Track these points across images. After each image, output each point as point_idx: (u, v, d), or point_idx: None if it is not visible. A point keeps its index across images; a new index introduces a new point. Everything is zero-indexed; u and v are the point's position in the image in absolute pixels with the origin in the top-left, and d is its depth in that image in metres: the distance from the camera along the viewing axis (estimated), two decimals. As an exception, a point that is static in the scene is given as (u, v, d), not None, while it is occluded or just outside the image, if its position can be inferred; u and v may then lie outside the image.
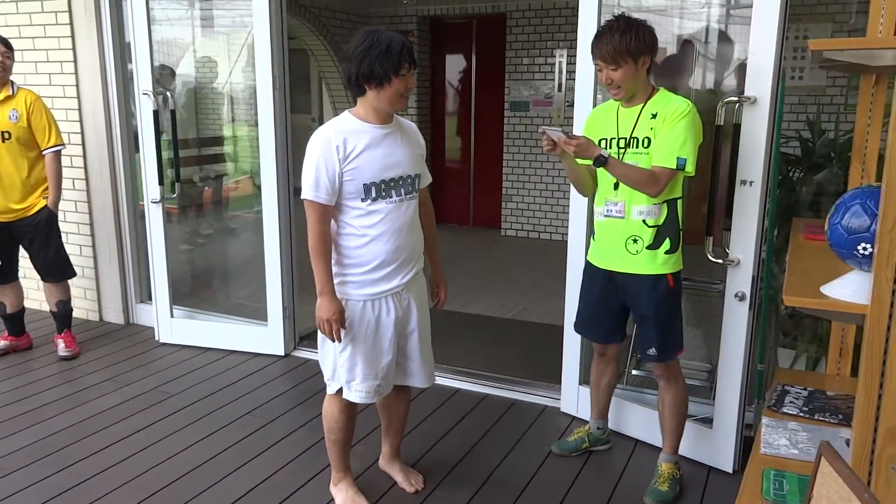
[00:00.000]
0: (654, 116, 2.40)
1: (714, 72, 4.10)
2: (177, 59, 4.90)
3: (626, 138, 2.46)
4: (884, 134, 2.43)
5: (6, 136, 3.64)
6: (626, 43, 2.31)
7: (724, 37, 3.87)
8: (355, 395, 2.39)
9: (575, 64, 3.02)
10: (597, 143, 2.48)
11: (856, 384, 2.52)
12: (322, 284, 2.25)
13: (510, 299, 5.23)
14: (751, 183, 2.59)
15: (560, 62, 6.90)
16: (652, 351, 2.56)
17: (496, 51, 7.31)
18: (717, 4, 3.99)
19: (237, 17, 4.78)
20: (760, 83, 2.51)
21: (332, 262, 2.32)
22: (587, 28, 2.93)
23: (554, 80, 6.98)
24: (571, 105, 6.78)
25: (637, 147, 2.43)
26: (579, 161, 2.53)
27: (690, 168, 2.36)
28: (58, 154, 3.79)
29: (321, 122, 9.51)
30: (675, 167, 2.34)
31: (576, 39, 2.98)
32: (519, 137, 7.31)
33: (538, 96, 7.14)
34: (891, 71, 2.18)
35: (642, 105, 2.44)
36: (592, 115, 2.68)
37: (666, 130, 2.35)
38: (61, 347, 3.99)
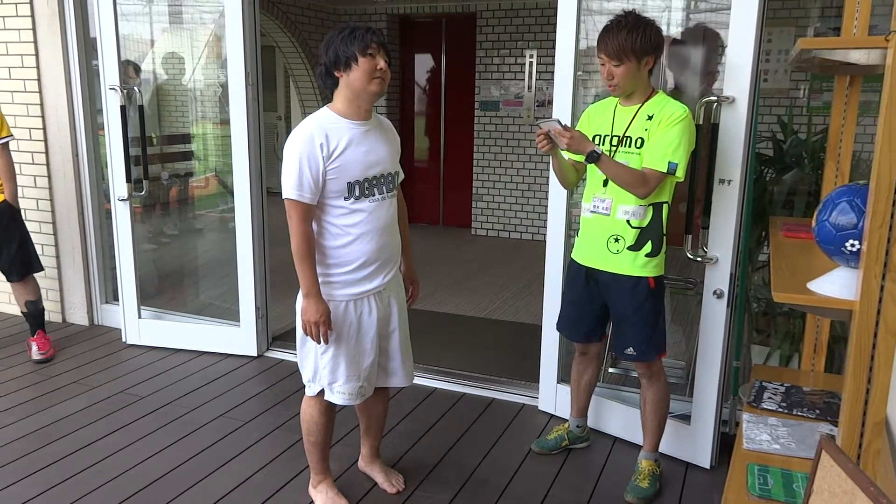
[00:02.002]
0: (650, 118, 2.40)
1: (677, 73, 4.15)
2: (140, 56, 4.78)
3: (619, 136, 2.47)
4: (857, 136, 2.49)
5: None
6: (633, 41, 2.30)
7: (685, 39, 3.92)
8: (338, 396, 2.35)
9: (545, 64, 3.03)
10: (591, 139, 2.48)
11: (830, 380, 2.59)
12: (308, 286, 2.20)
13: (484, 298, 5.22)
14: (729, 182, 2.62)
15: (530, 62, 6.92)
16: (630, 351, 2.57)
17: (466, 50, 7.30)
18: (677, 8, 4.04)
19: (202, 12, 4.69)
20: (739, 83, 2.54)
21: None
22: (566, 27, 2.94)
23: (524, 80, 7.00)
24: (541, 105, 6.91)
25: (629, 146, 2.43)
26: (569, 155, 2.53)
27: (681, 173, 2.37)
28: (5, 147, 3.61)
29: (287, 121, 9.45)
30: (665, 171, 2.35)
31: (546, 40, 2.99)
32: (489, 137, 7.31)
33: (508, 96, 7.15)
34: (868, 72, 2.22)
35: (639, 105, 2.44)
36: (590, 110, 2.65)
37: (660, 134, 2.36)
38: (35, 351, 3.85)
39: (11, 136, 3.69)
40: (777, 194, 3.25)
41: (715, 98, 2.59)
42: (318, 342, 2.25)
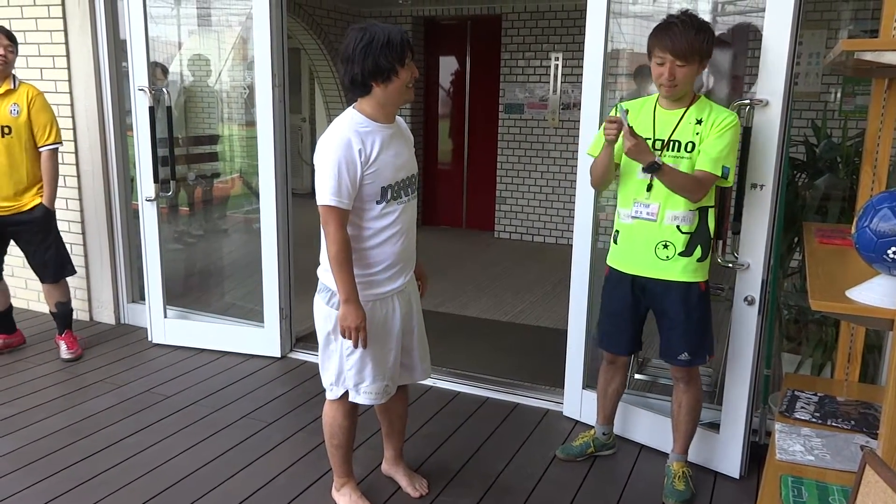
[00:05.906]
0: (699, 122, 2.37)
1: (701, 77, 4.09)
2: (167, 57, 4.83)
3: (663, 140, 2.42)
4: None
5: (6, 130, 3.57)
6: (701, 42, 2.26)
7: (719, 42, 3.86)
8: (364, 397, 2.34)
9: (571, 67, 2.99)
10: None
11: (865, 390, 2.52)
12: (348, 292, 2.18)
13: (507, 302, 5.19)
14: (761, 187, 2.57)
15: (556, 65, 6.88)
16: (684, 356, 2.52)
17: (491, 53, 7.28)
18: (704, 11, 3.98)
19: (229, 15, 4.72)
20: (773, 86, 2.49)
21: None
22: (595, 30, 2.91)
23: (549, 83, 6.96)
24: (566, 108, 6.86)
25: (678, 150, 2.40)
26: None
27: (732, 178, 2.38)
28: (54, 152, 3.71)
29: (312, 123, 9.49)
30: (720, 174, 2.34)
31: (571, 42, 2.95)
32: (514, 140, 7.28)
33: (533, 99, 7.12)
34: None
35: (685, 109, 2.40)
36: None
37: (714, 138, 2.34)
38: (63, 349, 3.90)
39: (60, 143, 3.77)
40: (809, 199, 3.19)
41: (748, 101, 2.55)
42: (357, 346, 2.23)
